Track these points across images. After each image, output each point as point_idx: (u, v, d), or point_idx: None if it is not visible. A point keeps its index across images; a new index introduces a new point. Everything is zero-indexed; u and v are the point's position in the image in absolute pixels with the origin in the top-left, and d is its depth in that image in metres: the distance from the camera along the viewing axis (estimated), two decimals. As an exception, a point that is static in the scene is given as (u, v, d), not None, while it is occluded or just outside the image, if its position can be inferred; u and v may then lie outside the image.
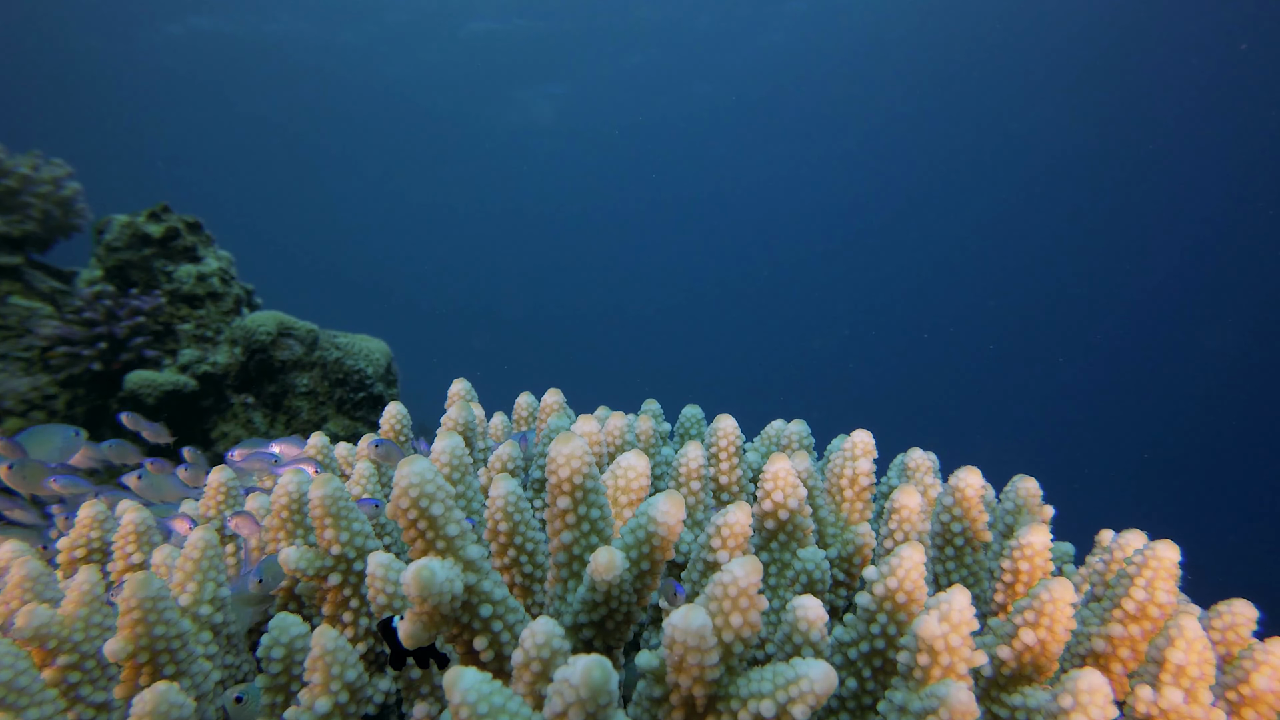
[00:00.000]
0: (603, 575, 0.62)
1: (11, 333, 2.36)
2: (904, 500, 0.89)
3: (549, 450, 0.67)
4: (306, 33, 14.99)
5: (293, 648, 0.75)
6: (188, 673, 0.75)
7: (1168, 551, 0.72)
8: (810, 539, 0.91)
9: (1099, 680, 0.56)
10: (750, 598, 0.54)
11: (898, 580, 0.66)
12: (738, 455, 1.10)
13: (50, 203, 2.62)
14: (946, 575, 0.94)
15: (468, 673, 0.50)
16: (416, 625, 0.62)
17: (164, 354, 2.45)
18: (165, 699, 0.64)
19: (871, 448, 1.06)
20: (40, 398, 2.30)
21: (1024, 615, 0.69)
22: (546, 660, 0.56)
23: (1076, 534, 1.19)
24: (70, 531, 0.99)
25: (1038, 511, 0.99)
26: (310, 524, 0.89)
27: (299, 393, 2.57)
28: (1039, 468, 1.13)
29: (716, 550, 0.73)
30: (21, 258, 2.53)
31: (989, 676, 0.72)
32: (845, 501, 1.07)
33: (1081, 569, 1.04)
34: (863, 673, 0.70)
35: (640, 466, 0.80)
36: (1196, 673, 0.65)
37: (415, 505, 0.63)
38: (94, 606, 0.76)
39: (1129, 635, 0.73)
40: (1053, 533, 1.03)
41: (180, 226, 2.66)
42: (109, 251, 2.58)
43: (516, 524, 0.73)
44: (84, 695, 0.74)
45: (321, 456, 1.11)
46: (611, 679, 0.48)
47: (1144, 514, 15.57)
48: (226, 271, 2.74)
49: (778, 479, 0.88)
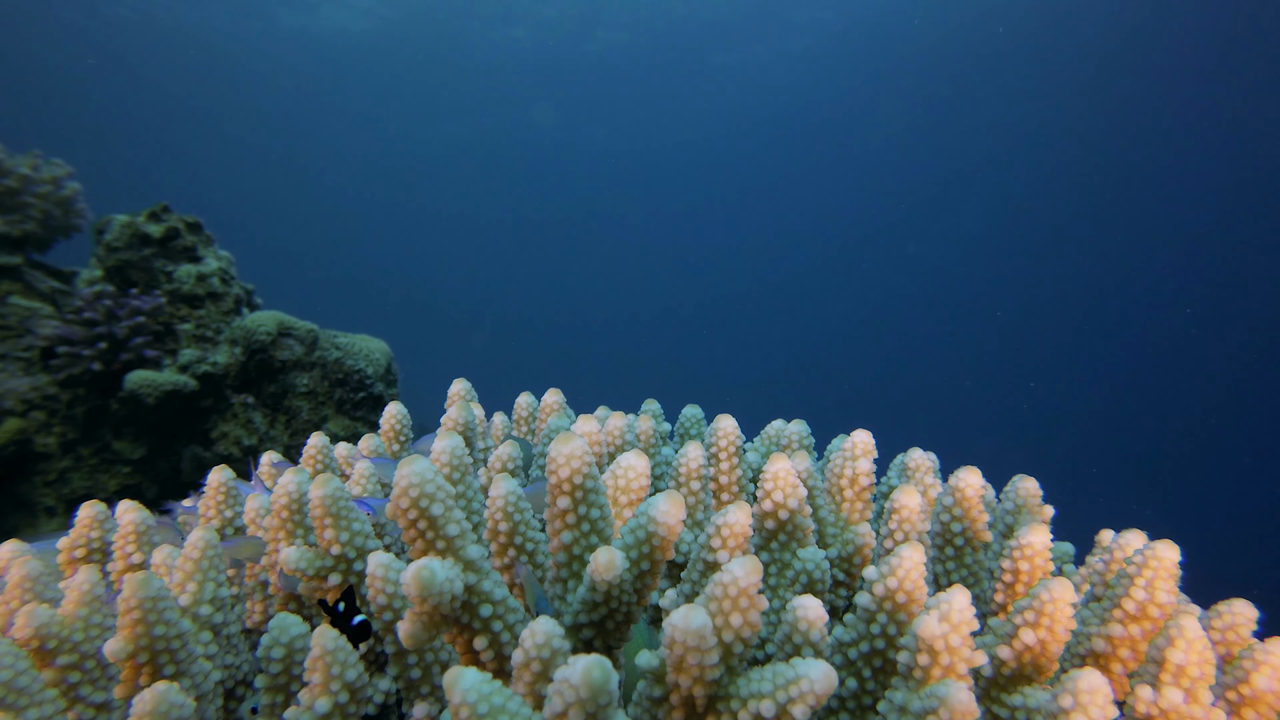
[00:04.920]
0: (603, 575, 0.62)
1: (11, 333, 2.36)
2: (904, 500, 0.89)
3: (549, 450, 0.67)
4: (306, 33, 15.00)
5: (293, 648, 0.75)
6: (188, 673, 0.75)
7: (1168, 551, 0.72)
8: (810, 539, 0.91)
9: (1099, 680, 0.56)
10: (750, 598, 0.54)
11: (898, 580, 0.66)
12: (738, 455, 1.10)
13: (50, 203, 2.62)
14: (946, 575, 0.94)
15: (468, 673, 0.50)
16: (417, 625, 0.62)
17: (164, 354, 2.45)
18: (165, 699, 0.64)
19: (871, 448, 1.06)
20: (40, 398, 2.30)
21: (1024, 615, 0.69)
22: (546, 660, 0.56)
23: (1076, 534, 1.19)
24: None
25: (1038, 511, 0.99)
26: (310, 524, 0.89)
27: (299, 393, 2.57)
28: (1039, 468, 1.13)
29: (716, 550, 0.73)
30: (21, 258, 2.53)
31: (989, 676, 0.72)
32: (845, 501, 1.07)
33: (1081, 569, 1.04)
34: (863, 673, 0.70)
35: (640, 466, 0.80)
36: (1196, 673, 0.65)
37: (415, 505, 0.63)
38: (94, 606, 0.76)
39: (1129, 635, 0.73)
40: (1053, 533, 1.03)
41: (180, 226, 2.66)
42: (109, 251, 2.58)
43: (516, 524, 0.73)
44: (84, 695, 0.74)
45: (322, 457, 1.11)
46: (611, 679, 0.48)
47: (1144, 514, 15.58)
48: (226, 271, 2.74)
49: (778, 479, 0.88)
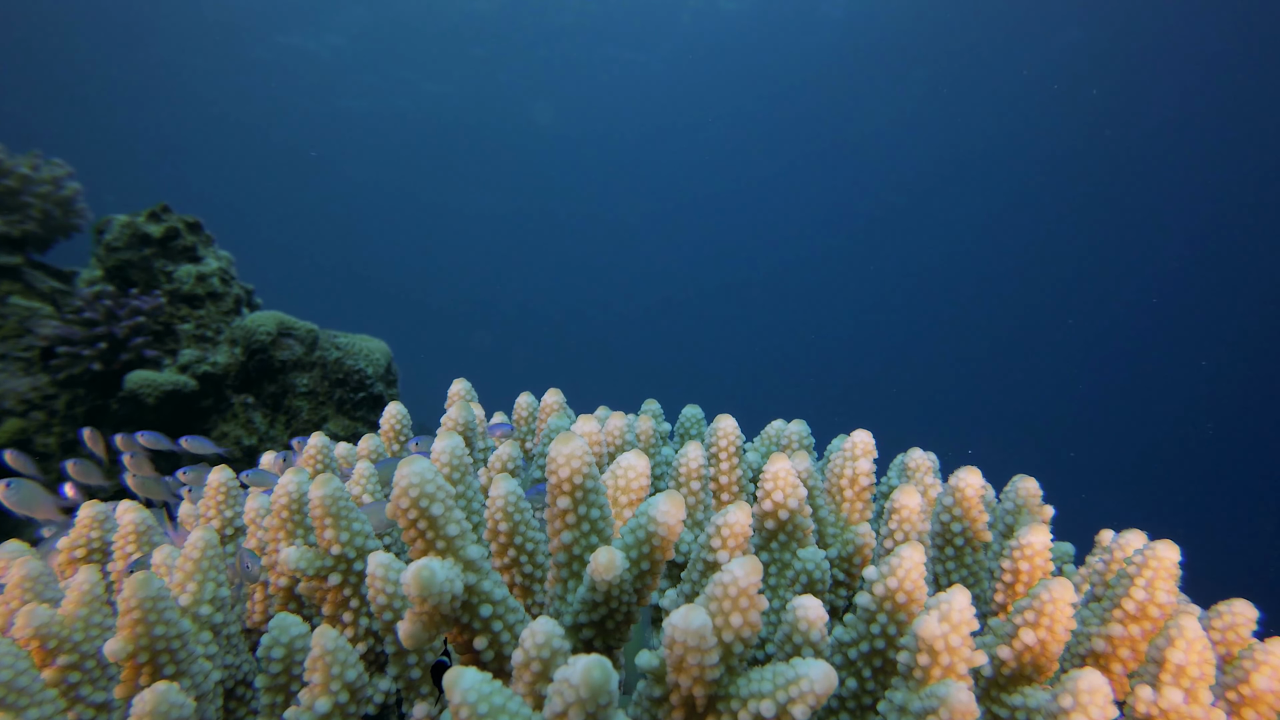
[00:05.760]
0: (603, 575, 0.62)
1: (11, 333, 2.36)
2: (904, 500, 0.89)
3: (549, 450, 0.67)
4: (306, 32, 15.00)
5: (293, 648, 0.75)
6: (188, 673, 0.75)
7: (1168, 551, 0.72)
8: (810, 539, 0.91)
9: (1099, 680, 0.56)
10: (750, 598, 0.54)
11: (898, 580, 0.66)
12: (738, 455, 1.10)
13: (50, 203, 2.62)
14: (946, 575, 0.94)
15: (468, 673, 0.50)
16: (417, 625, 0.62)
17: (164, 354, 2.45)
18: (165, 699, 0.64)
19: (871, 448, 1.06)
20: (40, 398, 2.30)
21: (1024, 615, 0.69)
22: (546, 660, 0.56)
23: (1076, 534, 1.19)
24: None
25: (1038, 511, 0.99)
26: (310, 524, 0.89)
27: (299, 393, 2.57)
28: (1039, 468, 1.13)
29: (716, 550, 0.73)
30: (21, 258, 2.53)
31: (989, 676, 0.72)
32: (845, 501, 1.07)
33: (1081, 569, 1.04)
34: (863, 673, 0.70)
35: (640, 466, 0.80)
36: (1196, 673, 0.65)
37: (415, 505, 0.63)
38: (94, 606, 0.76)
39: (1129, 635, 0.73)
40: (1053, 533, 1.03)
41: (180, 226, 2.66)
42: (109, 251, 2.58)
43: (516, 524, 0.73)
44: (84, 695, 0.74)
45: (322, 457, 1.11)
46: (611, 679, 0.48)
47: (1144, 514, 15.57)
48: (226, 271, 2.74)
49: (778, 479, 0.88)
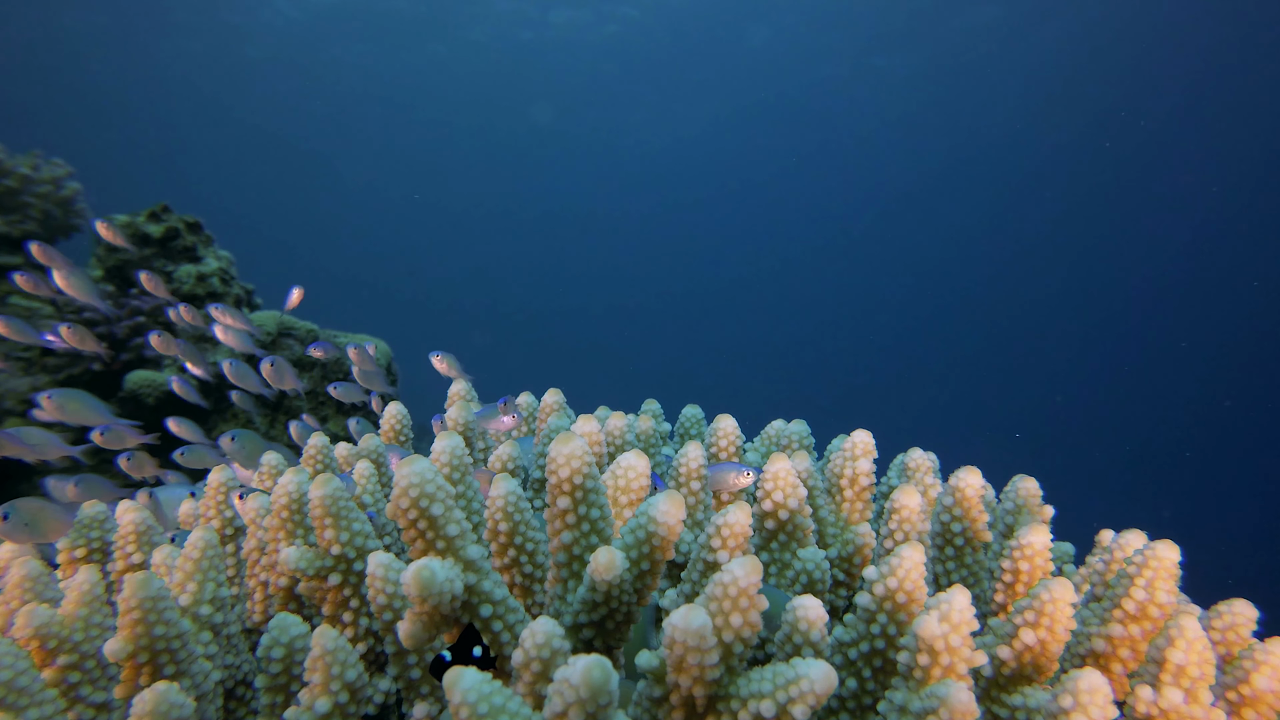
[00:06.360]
0: (603, 575, 0.62)
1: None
2: (904, 500, 0.89)
3: (549, 450, 0.67)
4: (305, 32, 15.00)
5: (293, 648, 0.75)
6: (188, 673, 0.75)
7: (1168, 551, 0.72)
8: (810, 539, 0.91)
9: (1099, 680, 0.56)
10: (750, 598, 0.54)
11: (898, 580, 0.66)
12: (738, 455, 1.10)
13: (50, 203, 2.62)
14: (946, 575, 0.94)
15: (468, 672, 0.50)
16: (416, 625, 0.62)
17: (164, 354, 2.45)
18: (165, 699, 0.64)
19: (871, 448, 1.06)
20: (40, 398, 2.30)
21: (1024, 615, 0.69)
22: (546, 660, 0.56)
23: (1076, 534, 1.19)
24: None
25: (1038, 511, 0.99)
26: (310, 524, 0.89)
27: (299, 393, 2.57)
28: (1039, 468, 1.13)
29: (716, 550, 0.73)
30: (21, 258, 2.53)
31: (989, 676, 0.72)
32: (845, 501, 1.07)
33: (1081, 569, 1.04)
34: (863, 673, 0.70)
35: (640, 466, 0.80)
36: (1196, 673, 0.64)
37: (415, 505, 0.63)
38: (94, 606, 0.76)
39: (1129, 635, 0.73)
40: (1053, 533, 1.03)
41: (180, 226, 2.66)
42: (109, 251, 2.58)
43: (516, 524, 0.73)
44: (84, 695, 0.74)
45: (322, 457, 1.11)
46: (611, 679, 0.48)
47: (1144, 514, 15.54)
48: (226, 271, 2.74)
49: (778, 479, 0.88)
